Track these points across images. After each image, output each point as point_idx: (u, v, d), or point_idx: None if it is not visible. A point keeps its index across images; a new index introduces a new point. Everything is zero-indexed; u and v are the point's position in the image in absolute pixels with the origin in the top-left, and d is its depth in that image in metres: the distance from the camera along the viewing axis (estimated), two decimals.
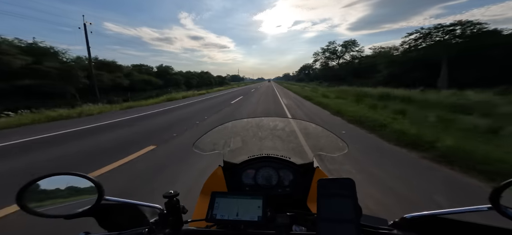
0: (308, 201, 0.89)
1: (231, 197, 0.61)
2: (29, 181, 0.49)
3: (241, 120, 1.16)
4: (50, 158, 3.70)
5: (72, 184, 0.54)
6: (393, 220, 0.56)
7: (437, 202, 2.12)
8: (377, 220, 0.57)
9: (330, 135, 1.00)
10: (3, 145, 4.52)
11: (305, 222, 0.61)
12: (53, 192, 0.53)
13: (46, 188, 0.52)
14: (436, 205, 2.07)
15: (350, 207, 0.47)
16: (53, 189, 0.53)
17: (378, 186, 2.47)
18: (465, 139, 3.73)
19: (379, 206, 2.10)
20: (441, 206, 2.03)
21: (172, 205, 0.56)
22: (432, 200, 2.17)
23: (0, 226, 1.93)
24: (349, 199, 0.48)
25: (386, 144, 4.13)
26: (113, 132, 5.64)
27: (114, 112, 9.57)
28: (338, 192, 0.49)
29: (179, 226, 0.57)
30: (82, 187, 0.54)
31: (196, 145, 0.99)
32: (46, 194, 0.52)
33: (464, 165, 2.86)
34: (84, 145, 4.41)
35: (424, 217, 0.52)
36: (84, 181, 0.53)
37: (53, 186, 0.53)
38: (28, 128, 6.47)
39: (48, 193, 0.53)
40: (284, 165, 0.95)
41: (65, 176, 0.54)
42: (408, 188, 2.42)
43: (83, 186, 0.54)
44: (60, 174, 0.53)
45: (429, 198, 2.21)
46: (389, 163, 3.21)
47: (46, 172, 0.52)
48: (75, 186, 0.54)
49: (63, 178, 0.54)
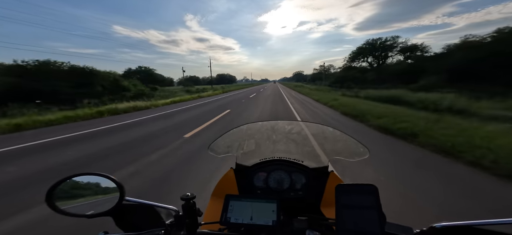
0: (322, 206, 0.87)
1: (245, 201, 0.60)
2: (58, 181, 0.53)
3: (256, 123, 1.16)
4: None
5: (96, 184, 0.57)
6: (420, 228, 0.52)
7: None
8: (402, 228, 0.53)
9: (349, 139, 0.96)
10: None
11: (320, 227, 0.59)
12: (79, 191, 0.57)
13: (73, 188, 0.56)
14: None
15: (374, 217, 0.44)
16: (79, 189, 0.57)
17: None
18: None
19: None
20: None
21: (188, 207, 0.56)
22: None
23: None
24: (373, 207, 0.45)
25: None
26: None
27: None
28: (360, 199, 0.46)
29: (194, 229, 0.57)
30: (105, 187, 0.57)
31: (211, 148, 1.00)
32: (72, 193, 0.56)
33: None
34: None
35: (456, 228, 0.47)
36: (107, 181, 0.56)
37: (79, 186, 0.57)
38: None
39: (74, 192, 0.56)
40: (297, 168, 0.93)
41: (90, 176, 0.57)
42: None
43: (106, 186, 0.56)
44: (86, 174, 0.56)
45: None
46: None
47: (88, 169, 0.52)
48: (99, 186, 0.57)
49: (89, 178, 0.57)
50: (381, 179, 2.67)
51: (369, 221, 0.44)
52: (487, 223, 0.44)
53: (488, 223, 0.44)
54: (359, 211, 0.45)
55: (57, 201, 0.52)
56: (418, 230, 0.52)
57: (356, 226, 0.44)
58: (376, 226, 0.43)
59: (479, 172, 2.81)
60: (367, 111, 6.94)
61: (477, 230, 0.46)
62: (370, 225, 0.43)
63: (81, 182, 0.57)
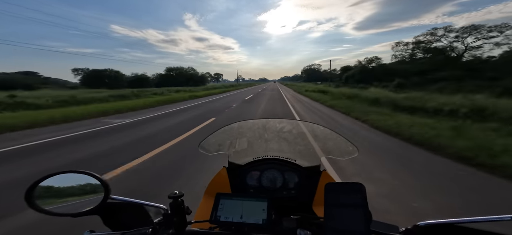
0: (313, 205, 0.87)
1: (236, 199, 0.60)
2: (38, 179, 0.50)
3: (248, 121, 1.15)
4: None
5: (80, 182, 0.55)
6: (405, 226, 0.53)
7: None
8: (387, 227, 0.54)
9: (338, 137, 0.98)
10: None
11: (311, 226, 0.59)
12: (61, 190, 0.54)
13: (54, 186, 0.53)
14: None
15: (360, 215, 0.45)
16: (62, 187, 0.54)
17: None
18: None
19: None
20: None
21: (176, 205, 0.56)
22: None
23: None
24: (359, 205, 0.46)
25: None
26: None
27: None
28: (347, 198, 0.47)
29: (183, 227, 0.56)
30: (89, 185, 0.54)
31: (201, 146, 0.99)
32: (54, 192, 0.53)
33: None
34: None
35: (440, 226, 0.49)
36: (91, 179, 0.54)
37: (61, 184, 0.54)
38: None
39: (56, 191, 0.54)
40: (289, 167, 0.93)
41: (73, 174, 0.54)
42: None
43: (91, 184, 0.54)
44: (68, 172, 0.54)
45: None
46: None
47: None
48: (83, 184, 0.55)
49: (71, 176, 0.55)
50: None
51: (355, 218, 0.44)
52: (471, 221, 0.46)
53: (472, 221, 0.46)
54: (346, 209, 0.46)
55: (39, 200, 0.50)
56: (404, 229, 0.53)
57: (343, 224, 0.44)
58: (363, 224, 0.44)
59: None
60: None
61: (460, 228, 0.48)
62: (356, 223, 0.44)
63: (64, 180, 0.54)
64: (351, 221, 0.44)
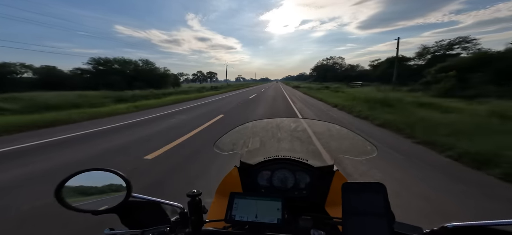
0: (326, 205, 0.86)
1: (250, 199, 0.60)
2: (66, 177, 0.53)
3: (262, 121, 1.15)
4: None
5: (105, 180, 0.58)
6: (430, 228, 0.50)
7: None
8: (411, 228, 0.51)
9: (356, 137, 0.95)
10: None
11: (325, 227, 0.58)
12: (87, 187, 0.57)
13: (82, 183, 0.57)
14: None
15: (383, 218, 0.42)
16: (88, 184, 0.57)
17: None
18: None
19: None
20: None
21: (194, 204, 0.57)
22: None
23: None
24: (381, 207, 0.43)
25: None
26: None
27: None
28: (367, 200, 0.45)
29: (199, 226, 0.57)
30: (112, 183, 0.57)
31: (216, 145, 1.00)
32: (81, 189, 0.57)
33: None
34: None
35: (468, 228, 0.45)
36: (115, 177, 0.56)
37: (88, 181, 0.57)
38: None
39: (83, 188, 0.57)
40: (301, 167, 0.92)
41: (98, 172, 0.57)
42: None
43: (114, 182, 0.57)
44: (95, 170, 0.57)
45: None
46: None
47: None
48: (107, 181, 0.58)
49: (98, 174, 0.57)
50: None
51: (377, 222, 0.42)
52: (500, 223, 0.42)
53: (501, 223, 0.42)
54: (367, 211, 0.44)
55: (67, 196, 0.53)
56: (428, 230, 0.50)
57: (364, 229, 0.42)
58: (385, 228, 0.41)
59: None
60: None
61: (489, 230, 0.44)
62: (378, 226, 0.42)
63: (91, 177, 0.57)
64: (373, 224, 0.42)
